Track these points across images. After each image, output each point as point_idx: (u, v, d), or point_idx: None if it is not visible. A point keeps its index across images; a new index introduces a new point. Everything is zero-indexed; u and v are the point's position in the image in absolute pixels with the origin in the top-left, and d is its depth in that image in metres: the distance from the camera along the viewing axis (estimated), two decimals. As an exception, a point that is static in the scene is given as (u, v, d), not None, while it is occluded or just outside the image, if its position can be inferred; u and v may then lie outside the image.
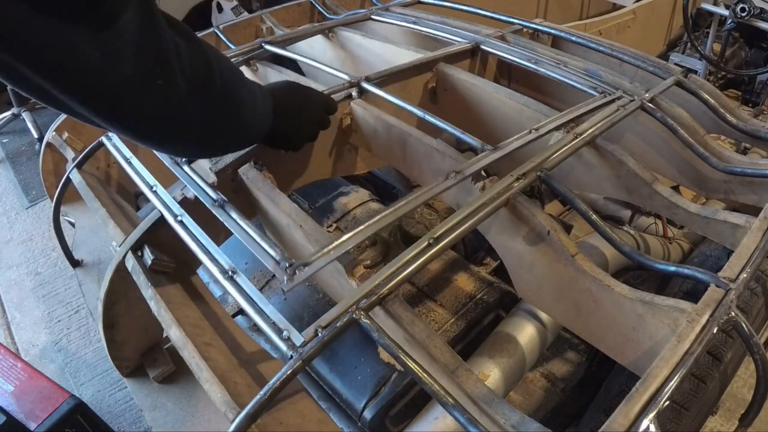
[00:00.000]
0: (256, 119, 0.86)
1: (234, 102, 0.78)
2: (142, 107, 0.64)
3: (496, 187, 0.90)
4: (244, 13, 2.99)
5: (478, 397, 0.69)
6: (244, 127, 0.85)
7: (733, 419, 1.10)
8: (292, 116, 0.97)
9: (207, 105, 0.72)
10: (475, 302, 1.21)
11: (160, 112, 0.67)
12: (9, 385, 1.28)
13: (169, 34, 0.64)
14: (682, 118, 1.15)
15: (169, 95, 0.66)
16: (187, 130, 0.72)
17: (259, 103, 0.86)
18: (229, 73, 0.76)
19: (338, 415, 1.13)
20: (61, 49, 0.54)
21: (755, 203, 1.09)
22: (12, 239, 2.66)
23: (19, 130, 3.35)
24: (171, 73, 0.65)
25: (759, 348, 0.75)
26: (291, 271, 0.76)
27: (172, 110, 0.68)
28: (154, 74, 0.63)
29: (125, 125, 0.67)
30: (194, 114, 0.70)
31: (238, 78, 0.79)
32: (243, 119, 0.82)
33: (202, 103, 0.71)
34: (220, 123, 0.77)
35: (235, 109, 0.79)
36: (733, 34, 2.46)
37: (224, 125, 0.78)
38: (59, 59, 0.55)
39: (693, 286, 1.25)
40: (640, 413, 0.62)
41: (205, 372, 0.76)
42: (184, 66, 0.66)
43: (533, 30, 1.52)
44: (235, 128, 0.82)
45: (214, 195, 0.93)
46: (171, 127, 0.70)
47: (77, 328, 2.19)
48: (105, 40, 0.57)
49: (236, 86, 0.78)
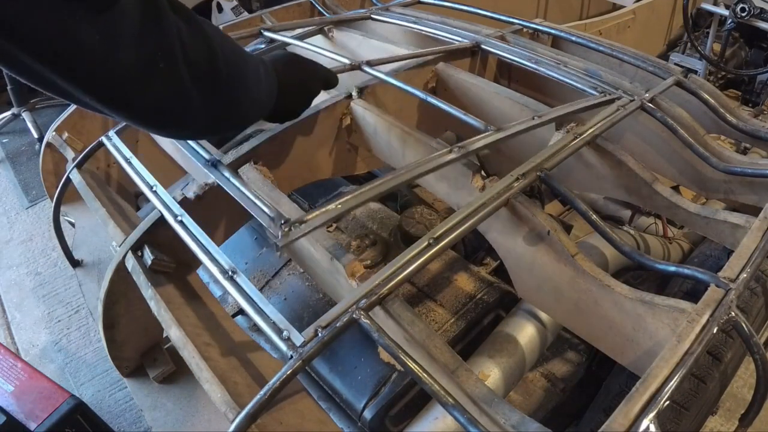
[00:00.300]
0: (261, 99, 0.84)
1: (239, 86, 0.76)
2: (145, 94, 0.63)
3: (496, 187, 0.90)
4: (244, 13, 2.99)
5: (478, 397, 0.69)
6: (250, 109, 0.83)
7: (733, 419, 1.10)
8: (295, 92, 0.95)
9: (212, 91, 0.71)
10: (475, 302, 1.21)
11: (163, 98, 0.65)
12: (9, 385, 1.28)
13: (172, 18, 0.63)
14: (682, 118, 1.15)
15: (173, 81, 0.64)
16: (192, 116, 0.71)
17: (264, 82, 0.84)
18: (233, 56, 0.74)
19: (338, 415, 1.13)
20: (61, 33, 0.53)
21: (755, 203, 1.09)
22: (12, 239, 2.66)
23: (19, 130, 3.35)
24: (173, 58, 0.63)
25: (759, 348, 0.75)
26: (286, 227, 0.76)
27: (176, 96, 0.66)
28: (156, 59, 0.61)
29: (128, 112, 0.66)
30: (198, 100, 0.69)
31: (243, 60, 0.77)
32: (248, 102, 0.80)
33: (207, 89, 0.70)
34: (225, 108, 0.75)
35: (241, 93, 0.77)
36: (733, 34, 2.46)
37: (229, 109, 0.77)
38: (59, 45, 0.54)
39: (693, 286, 1.25)
40: (640, 413, 0.62)
41: (205, 372, 0.76)
42: (187, 51, 0.65)
43: (533, 30, 1.52)
44: (241, 111, 0.81)
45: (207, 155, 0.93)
46: (175, 114, 0.69)
47: (77, 328, 2.19)
48: (105, 24, 0.55)
49: (241, 70, 0.76)
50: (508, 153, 1.26)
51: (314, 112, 1.12)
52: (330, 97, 1.17)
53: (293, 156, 1.11)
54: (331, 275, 0.88)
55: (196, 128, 0.76)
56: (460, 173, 1.00)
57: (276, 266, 1.38)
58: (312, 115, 1.11)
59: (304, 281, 1.33)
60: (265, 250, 1.44)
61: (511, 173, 0.93)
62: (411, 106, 1.30)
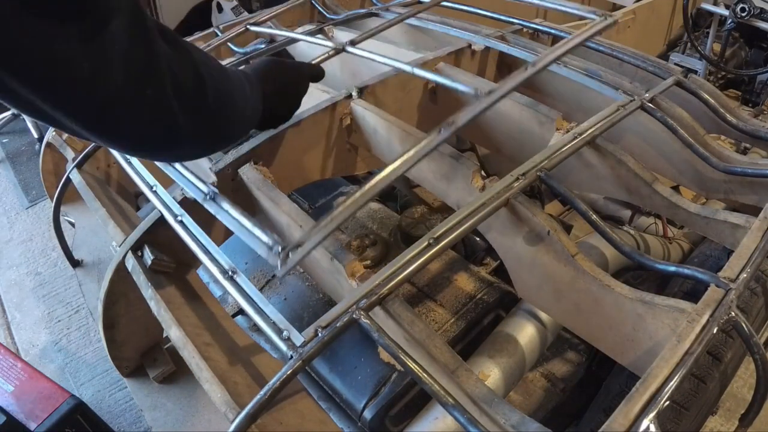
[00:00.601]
0: (247, 116, 0.84)
1: (226, 108, 0.76)
2: (133, 121, 0.62)
3: (496, 187, 0.90)
4: (244, 13, 2.99)
5: (478, 397, 0.69)
6: (238, 128, 0.83)
7: (733, 419, 1.10)
8: (281, 97, 0.95)
9: (200, 116, 0.70)
10: (475, 302, 1.21)
11: (151, 125, 0.64)
12: (9, 385, 1.28)
13: (160, 44, 0.62)
14: (682, 118, 1.15)
15: (161, 107, 0.63)
16: (180, 141, 0.70)
17: (250, 99, 0.84)
18: (219, 78, 0.73)
19: (338, 415, 1.13)
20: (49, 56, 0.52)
21: (755, 203, 1.09)
22: (12, 239, 2.66)
23: (19, 130, 3.35)
24: (161, 84, 0.62)
25: (759, 348, 0.75)
26: (284, 254, 0.76)
27: (164, 123, 0.65)
28: (144, 86, 0.60)
29: (116, 139, 0.65)
30: (187, 126, 0.68)
31: (228, 80, 0.77)
32: (236, 121, 0.81)
33: (195, 114, 0.69)
34: (213, 131, 0.75)
35: (228, 114, 0.77)
36: (733, 34, 2.46)
37: (217, 132, 0.76)
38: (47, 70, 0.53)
39: (693, 286, 1.25)
40: (640, 413, 0.61)
41: (205, 372, 0.76)
42: (175, 76, 0.64)
43: (533, 30, 1.52)
44: (229, 132, 0.80)
45: (206, 188, 0.93)
46: (164, 140, 0.68)
47: (77, 328, 2.19)
48: (94, 49, 0.54)
49: (228, 91, 0.76)
50: (508, 153, 1.26)
51: (314, 112, 1.12)
52: (330, 97, 1.17)
53: (293, 156, 1.11)
54: (331, 275, 0.88)
55: (184, 152, 0.77)
56: (460, 173, 1.00)
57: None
58: (312, 115, 1.11)
59: (304, 281, 1.33)
60: (265, 250, 1.43)
61: (511, 173, 0.93)
62: (411, 106, 1.30)
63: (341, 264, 0.82)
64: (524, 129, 1.16)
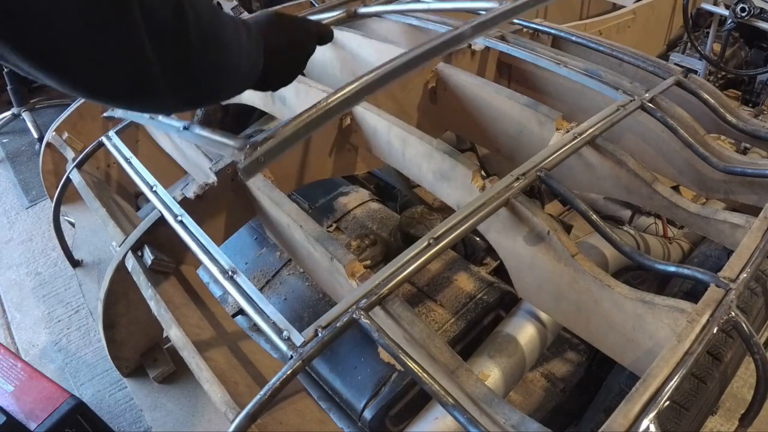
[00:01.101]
0: (243, 66, 0.72)
1: (214, 51, 0.64)
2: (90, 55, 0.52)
3: (496, 187, 0.90)
4: (244, 13, 2.99)
5: (478, 397, 0.69)
6: (230, 79, 0.71)
7: (733, 419, 1.10)
8: (285, 54, 0.84)
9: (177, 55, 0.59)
10: (475, 302, 1.21)
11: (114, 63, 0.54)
12: (9, 385, 1.28)
13: None
14: (682, 118, 1.15)
15: (129, 40, 0.53)
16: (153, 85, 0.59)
17: (246, 48, 0.72)
18: (208, 13, 0.62)
19: (338, 415, 1.13)
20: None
21: (755, 203, 1.09)
22: (12, 239, 2.66)
23: (19, 130, 3.35)
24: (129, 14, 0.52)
25: (759, 348, 0.75)
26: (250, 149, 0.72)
27: (133, 61, 0.55)
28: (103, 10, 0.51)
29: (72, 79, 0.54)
30: (161, 65, 0.57)
31: (219, 21, 0.65)
32: (227, 70, 0.69)
33: (171, 52, 0.58)
34: (196, 77, 0.64)
35: (215, 59, 0.65)
36: (733, 34, 2.46)
37: (202, 79, 0.65)
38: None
39: (693, 286, 1.25)
40: (640, 413, 0.62)
41: (205, 372, 0.76)
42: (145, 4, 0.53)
43: (533, 30, 1.52)
44: (217, 81, 0.68)
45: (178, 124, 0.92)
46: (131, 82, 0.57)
47: (77, 328, 2.19)
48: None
49: (217, 32, 0.64)
50: (508, 153, 1.26)
51: (314, 112, 1.12)
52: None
53: (293, 156, 1.11)
54: (331, 275, 0.88)
55: (165, 103, 0.65)
56: (460, 173, 1.00)
57: (276, 266, 1.38)
58: (312, 115, 1.11)
59: (304, 281, 1.33)
60: (265, 250, 1.44)
61: (511, 173, 0.93)
62: (411, 106, 1.31)
63: (341, 264, 0.82)
64: (524, 129, 1.16)
